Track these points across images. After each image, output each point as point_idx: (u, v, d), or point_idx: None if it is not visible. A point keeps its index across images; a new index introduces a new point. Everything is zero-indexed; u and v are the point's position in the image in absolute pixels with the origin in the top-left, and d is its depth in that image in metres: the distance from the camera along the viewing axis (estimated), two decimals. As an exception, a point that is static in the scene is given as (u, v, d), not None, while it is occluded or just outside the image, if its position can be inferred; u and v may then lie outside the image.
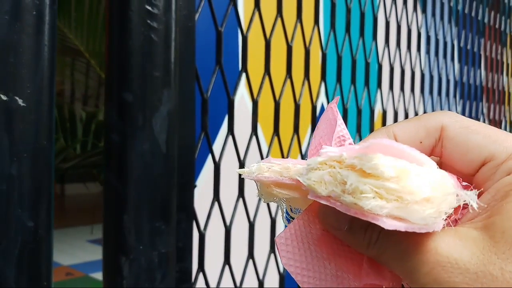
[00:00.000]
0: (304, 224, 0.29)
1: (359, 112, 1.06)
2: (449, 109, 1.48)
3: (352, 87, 1.05)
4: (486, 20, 1.70)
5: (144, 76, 0.59)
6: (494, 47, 1.84)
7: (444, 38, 1.41)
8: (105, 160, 0.60)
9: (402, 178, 0.24)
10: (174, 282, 0.64)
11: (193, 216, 0.69)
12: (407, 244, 0.26)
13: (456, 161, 0.29)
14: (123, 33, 0.59)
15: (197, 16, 0.69)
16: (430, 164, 0.25)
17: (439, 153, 0.30)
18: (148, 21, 0.60)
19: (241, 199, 0.79)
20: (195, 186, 0.70)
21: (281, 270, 0.88)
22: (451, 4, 1.43)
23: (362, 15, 1.05)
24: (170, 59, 0.62)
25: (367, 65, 1.09)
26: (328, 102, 0.99)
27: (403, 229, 0.24)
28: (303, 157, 0.91)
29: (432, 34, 1.35)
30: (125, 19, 0.58)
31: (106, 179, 0.60)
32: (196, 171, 0.73)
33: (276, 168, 0.29)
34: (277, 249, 0.29)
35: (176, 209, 0.65)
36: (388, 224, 0.23)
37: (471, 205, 0.26)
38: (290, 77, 0.87)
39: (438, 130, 0.29)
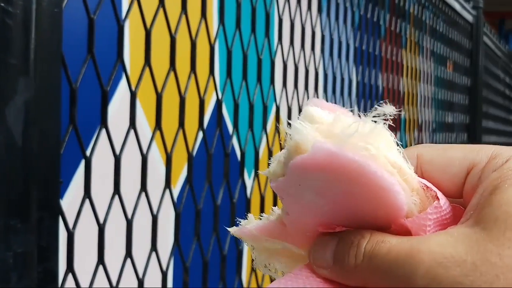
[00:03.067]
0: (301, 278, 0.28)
1: (251, 107, 1.06)
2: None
3: (244, 83, 1.04)
4: (381, 22, 1.76)
5: (-3, 62, 0.55)
6: (392, 49, 1.91)
7: (339, 37, 1.45)
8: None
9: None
10: (35, 284, 0.60)
11: (59, 213, 0.65)
12: (397, 252, 0.25)
13: (439, 180, 0.29)
14: (-26, 16, 0.54)
15: (65, 2, 0.65)
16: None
17: None
18: (3, 5, 0.56)
19: (116, 196, 0.76)
20: (61, 182, 0.66)
21: (164, 268, 0.85)
22: (347, 4, 1.46)
23: (254, 10, 1.05)
24: (29, 46, 0.58)
25: (259, 61, 1.09)
26: (218, 97, 0.98)
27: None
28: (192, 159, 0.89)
29: (327, 33, 1.38)
30: (-25, 1, 0.54)
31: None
32: (65, 166, 0.69)
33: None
34: None
35: (38, 207, 0.60)
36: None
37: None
38: (174, 69, 0.85)
39: (414, 159, 0.29)
